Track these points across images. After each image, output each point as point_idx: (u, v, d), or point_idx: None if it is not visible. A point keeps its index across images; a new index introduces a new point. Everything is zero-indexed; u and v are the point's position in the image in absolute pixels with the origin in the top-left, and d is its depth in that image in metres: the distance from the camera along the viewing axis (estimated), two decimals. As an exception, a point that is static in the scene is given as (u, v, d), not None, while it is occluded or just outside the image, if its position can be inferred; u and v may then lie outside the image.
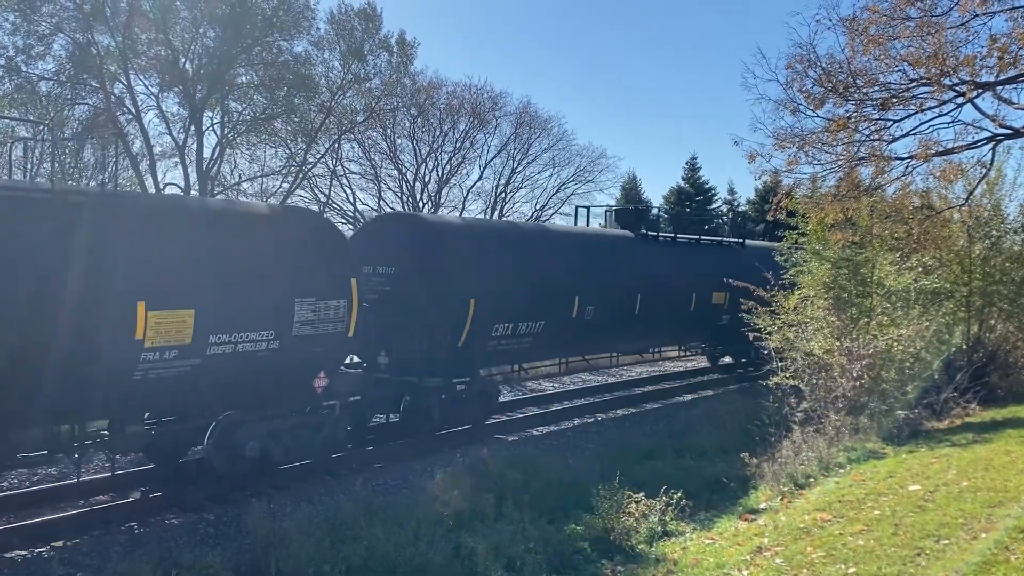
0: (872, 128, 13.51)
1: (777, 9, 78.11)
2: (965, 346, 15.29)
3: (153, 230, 8.98)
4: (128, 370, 8.54)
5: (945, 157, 13.41)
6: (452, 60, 77.95)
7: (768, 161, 14.27)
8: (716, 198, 51.04)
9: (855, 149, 13.57)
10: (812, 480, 9.95)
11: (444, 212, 35.77)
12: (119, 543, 8.57)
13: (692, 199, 48.73)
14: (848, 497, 8.75)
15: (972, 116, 13.16)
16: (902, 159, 13.49)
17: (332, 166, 32.25)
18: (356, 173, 35.84)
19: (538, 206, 40.24)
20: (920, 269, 14.57)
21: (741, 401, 15.94)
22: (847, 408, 12.15)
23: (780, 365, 13.42)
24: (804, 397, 12.44)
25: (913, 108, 13.09)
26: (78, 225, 8.24)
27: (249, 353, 9.61)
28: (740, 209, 50.26)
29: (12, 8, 20.96)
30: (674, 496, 8.90)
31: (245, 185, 29.70)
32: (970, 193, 14.75)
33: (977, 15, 11.92)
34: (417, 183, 36.03)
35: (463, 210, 37.77)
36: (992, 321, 15.99)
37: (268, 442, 10.29)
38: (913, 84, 12.81)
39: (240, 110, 26.07)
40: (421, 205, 35.36)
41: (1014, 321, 15.96)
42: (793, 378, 12.99)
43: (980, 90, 12.40)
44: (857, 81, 13.07)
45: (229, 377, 9.62)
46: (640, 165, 63.09)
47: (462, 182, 38.39)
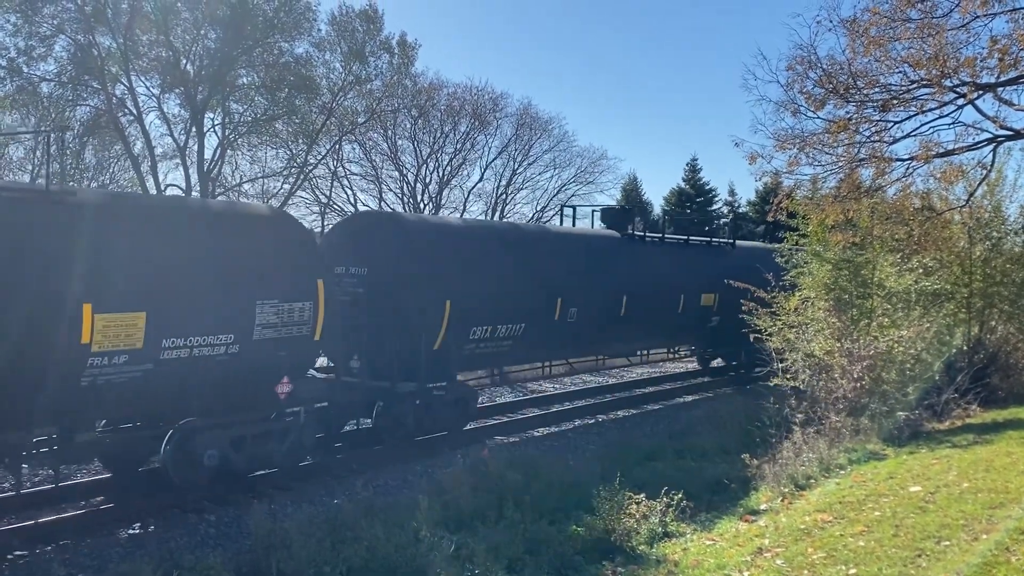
0: (873, 129, 13.53)
1: (777, 10, 78.13)
2: (966, 347, 15.27)
3: (101, 228, 8.50)
4: (74, 376, 8.16)
5: (946, 158, 13.42)
6: (453, 61, 78.03)
7: (769, 162, 14.31)
8: (717, 199, 51.10)
9: (856, 150, 13.58)
10: (813, 481, 9.95)
11: (445, 213, 35.79)
12: (120, 544, 8.58)
13: (693, 200, 48.76)
14: (849, 498, 8.75)
15: (973, 117, 13.17)
16: (903, 160, 13.50)
17: (333, 167, 32.33)
18: (357, 174, 35.90)
19: (539, 207, 40.26)
20: (921, 270, 14.57)
21: (741, 402, 15.93)
22: (848, 409, 12.15)
23: (781, 366, 13.42)
24: (805, 398, 12.44)
25: (914, 109, 13.10)
26: (18, 224, 7.84)
27: (207, 358, 9.21)
28: (741, 210, 50.29)
29: (14, 9, 21.01)
30: (675, 497, 8.89)
31: (246, 186, 29.80)
32: (971, 194, 14.75)
33: (978, 16, 11.93)
34: (418, 184, 36.06)
35: (464, 211, 37.81)
36: (993, 322, 15.98)
37: (229, 450, 9.89)
38: (914, 85, 12.82)
39: (241, 111, 26.14)
40: (422, 206, 35.37)
41: (1015, 322, 15.94)
42: (794, 379, 13.00)
43: (981, 91, 12.40)
44: (858, 82, 13.08)
45: (185, 383, 9.20)
46: (641, 166, 63.17)
47: (463, 183, 38.44)
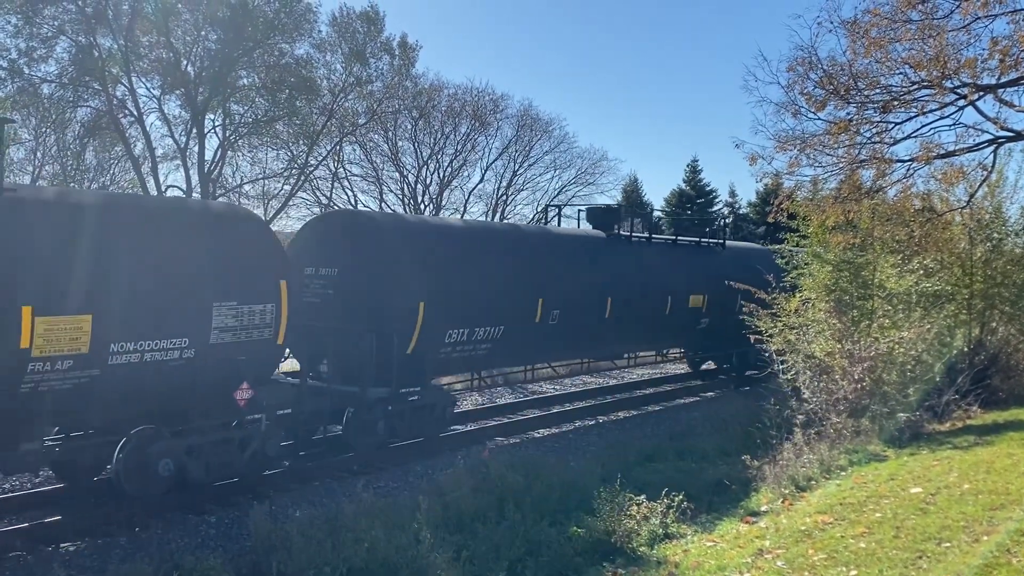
0: (873, 131, 13.52)
1: (778, 12, 78.19)
2: (967, 349, 15.26)
3: (43, 227, 8.08)
4: (13, 382, 7.78)
5: (946, 160, 13.41)
6: (453, 63, 78.14)
7: (769, 163, 14.30)
8: (717, 200, 51.17)
9: (856, 151, 13.57)
10: (813, 482, 9.94)
11: (446, 214, 35.79)
12: (120, 545, 8.58)
13: (693, 201, 48.82)
14: (849, 499, 8.74)
15: (974, 119, 13.14)
16: (903, 162, 13.50)
17: (334, 168, 32.32)
18: (358, 175, 35.89)
19: (539, 208, 40.28)
20: (921, 272, 14.56)
21: (742, 403, 15.95)
22: (848, 410, 12.14)
23: (781, 368, 13.42)
24: (805, 399, 12.44)
25: (914, 111, 13.09)
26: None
27: (159, 363, 8.78)
28: (741, 211, 50.31)
29: (15, 11, 21.01)
30: (675, 498, 8.89)
31: (247, 187, 29.80)
32: (971, 196, 14.73)
33: (979, 18, 11.92)
34: (418, 185, 36.06)
35: (464, 212, 37.82)
36: (994, 324, 15.96)
37: (185, 459, 9.51)
38: (914, 87, 12.81)
39: (242, 112, 26.15)
40: (423, 207, 35.38)
41: (1016, 324, 15.93)
42: (794, 380, 12.99)
43: (981, 93, 12.39)
44: (858, 84, 13.08)
45: (137, 389, 8.75)
46: (642, 168, 63.33)
47: (463, 184, 38.44)
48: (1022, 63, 11.76)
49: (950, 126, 13.07)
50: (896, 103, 13.02)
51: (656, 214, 43.68)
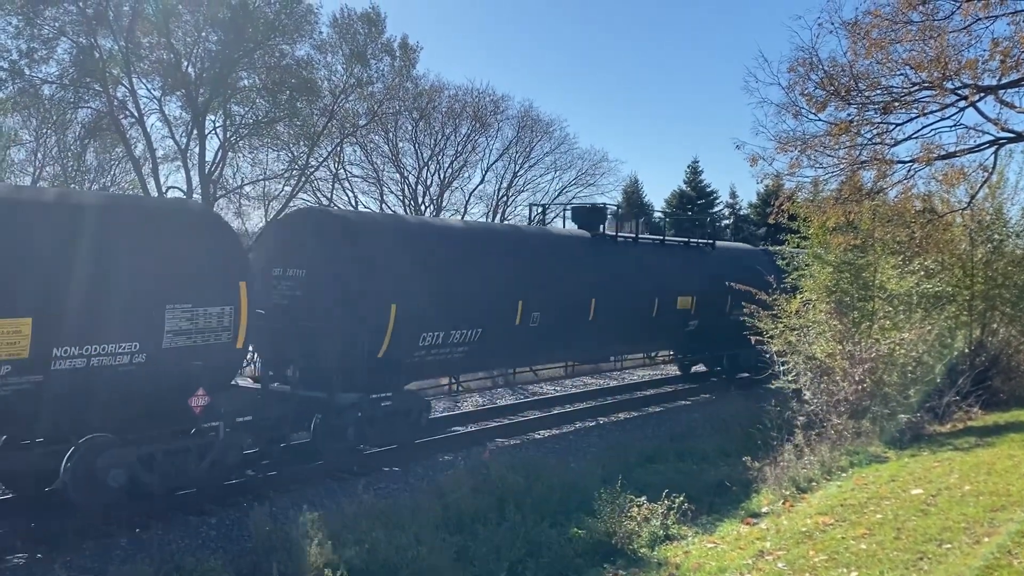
0: (874, 132, 13.52)
1: (779, 13, 78.23)
2: (967, 350, 15.26)
3: None
4: None
5: (947, 161, 13.42)
6: (454, 64, 78.26)
7: (770, 164, 14.31)
8: (718, 201, 51.18)
9: (857, 153, 13.58)
10: (814, 484, 9.94)
11: (446, 215, 35.80)
12: (121, 546, 8.57)
13: (694, 202, 48.81)
14: (850, 501, 8.73)
15: (974, 120, 13.15)
16: (904, 163, 13.50)
17: (334, 169, 32.34)
18: (358, 176, 35.91)
19: (539, 211, 40.25)
20: (922, 273, 14.56)
21: (742, 405, 15.94)
22: (849, 412, 12.14)
23: (782, 369, 13.41)
24: (806, 401, 12.43)
25: (915, 112, 13.09)
26: None
27: (108, 368, 8.37)
28: (742, 212, 50.32)
29: (16, 12, 21.03)
30: (676, 500, 8.89)
31: (248, 188, 29.83)
32: (972, 197, 14.73)
33: (979, 19, 11.93)
34: (419, 186, 36.07)
35: (465, 213, 37.84)
36: (994, 325, 15.96)
37: (138, 469, 9.03)
38: (915, 88, 12.81)
39: (242, 113, 26.16)
40: (423, 208, 35.39)
41: (1016, 325, 15.93)
42: (795, 382, 12.99)
43: (982, 94, 12.39)
44: (859, 85, 13.08)
45: (84, 396, 8.34)
46: (642, 169, 63.37)
47: (464, 185, 38.47)
48: (1023, 64, 11.76)
49: (951, 127, 13.10)
50: (897, 104, 13.02)
51: (657, 215, 43.69)
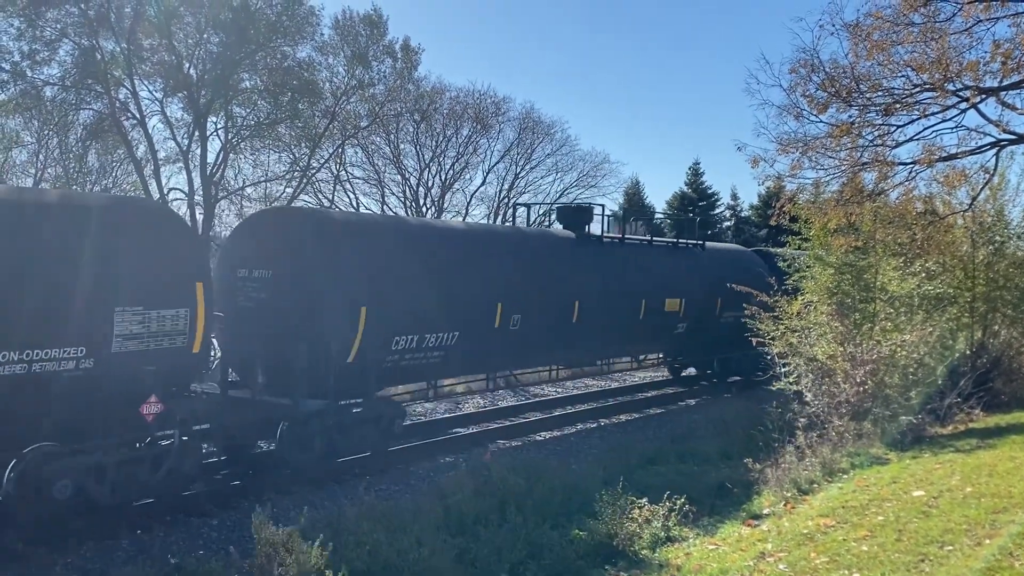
0: (876, 133, 13.54)
1: (780, 14, 78.26)
2: (969, 352, 15.26)
3: None
4: None
5: (948, 162, 13.43)
6: (455, 66, 78.28)
7: (771, 166, 14.34)
8: (719, 203, 51.19)
9: (858, 154, 13.60)
10: (816, 485, 9.93)
11: (447, 217, 35.82)
12: (123, 548, 8.58)
13: (695, 204, 48.80)
14: (852, 503, 8.73)
15: (976, 121, 13.18)
16: (905, 164, 13.52)
17: (336, 171, 32.38)
18: (360, 178, 35.98)
19: (541, 211, 40.30)
20: (923, 274, 14.55)
21: (743, 406, 15.93)
22: (851, 413, 12.13)
23: (783, 371, 13.41)
24: (807, 402, 12.43)
25: (917, 113, 13.11)
26: None
27: (52, 374, 7.98)
28: (743, 214, 50.31)
29: (18, 13, 21.07)
30: (677, 501, 8.87)
31: (249, 190, 29.86)
32: (974, 198, 14.74)
33: (981, 21, 11.95)
34: (420, 188, 36.11)
35: (466, 215, 37.86)
36: (996, 327, 15.96)
37: (87, 481, 8.53)
38: (917, 89, 12.82)
39: (244, 115, 26.21)
40: (424, 210, 35.42)
41: (1018, 327, 15.93)
42: (796, 383, 12.98)
43: (984, 95, 12.40)
44: (860, 86, 13.09)
45: (26, 403, 7.93)
46: (643, 170, 63.71)
47: (465, 187, 38.51)
48: (1024, 66, 11.78)
49: (952, 129, 13.12)
50: (898, 106, 13.03)
51: (658, 217, 43.68)
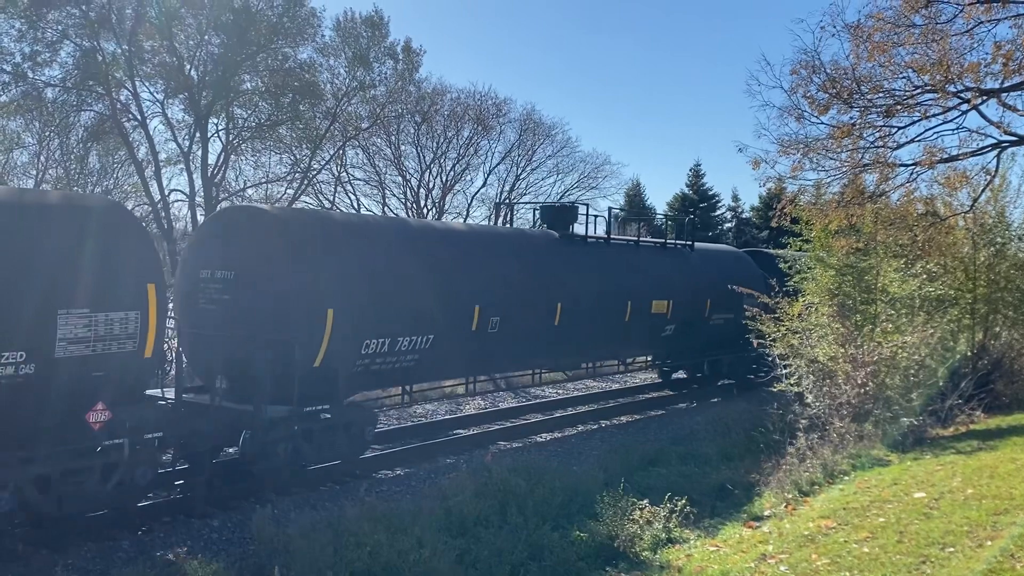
0: (877, 135, 13.54)
1: (781, 16, 78.32)
2: (970, 353, 15.25)
3: None
4: None
5: (949, 164, 13.43)
6: (456, 67, 78.34)
7: (772, 167, 14.32)
8: (720, 205, 51.20)
9: (859, 155, 13.59)
10: (817, 487, 9.93)
11: (448, 218, 35.81)
12: (123, 548, 8.58)
13: (696, 205, 48.80)
14: (853, 504, 8.72)
15: (977, 123, 13.24)
16: (906, 166, 13.52)
17: (337, 172, 32.36)
18: (361, 179, 35.90)
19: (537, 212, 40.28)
20: (924, 276, 14.56)
21: (744, 408, 15.93)
22: (851, 415, 12.12)
23: (784, 372, 13.41)
24: (808, 404, 12.43)
25: (918, 115, 13.10)
26: None
27: None
28: (744, 216, 50.32)
29: (19, 15, 21.08)
30: (678, 503, 8.87)
31: (250, 191, 29.86)
32: (975, 200, 14.73)
33: (982, 22, 11.95)
34: (421, 189, 36.08)
35: (467, 216, 37.85)
36: (997, 328, 15.95)
37: (30, 492, 8.11)
38: (918, 91, 12.82)
39: (245, 116, 26.20)
40: (426, 211, 35.41)
41: (1019, 328, 15.92)
42: (797, 385, 12.98)
43: (985, 97, 12.40)
44: (862, 88, 13.09)
45: None
46: (644, 172, 63.63)
47: (466, 188, 38.45)
48: (1025, 67, 11.77)
49: (953, 130, 13.13)
50: (899, 107, 13.03)
51: (658, 218, 43.65)
